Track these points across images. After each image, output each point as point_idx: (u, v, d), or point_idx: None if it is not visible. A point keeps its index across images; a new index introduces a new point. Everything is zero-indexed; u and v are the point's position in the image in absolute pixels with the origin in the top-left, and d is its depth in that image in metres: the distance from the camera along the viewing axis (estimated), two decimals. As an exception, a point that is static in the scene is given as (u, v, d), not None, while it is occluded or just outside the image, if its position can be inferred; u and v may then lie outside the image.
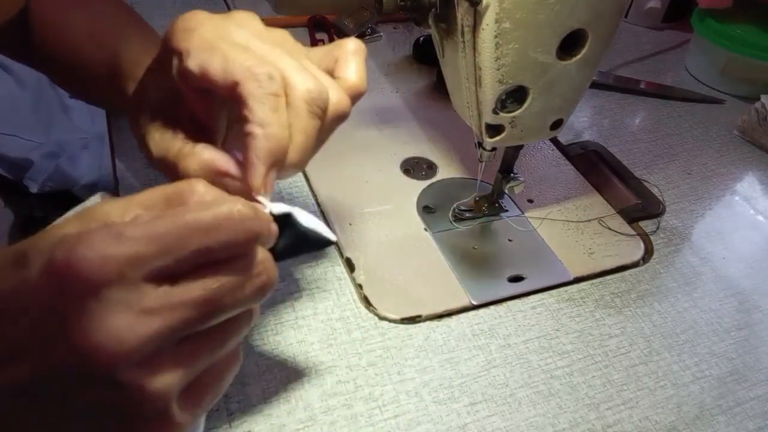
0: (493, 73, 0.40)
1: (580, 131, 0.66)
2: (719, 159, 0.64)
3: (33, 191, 1.20)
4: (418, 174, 0.57)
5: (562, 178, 0.59)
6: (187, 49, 0.28)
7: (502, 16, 0.37)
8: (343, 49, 0.32)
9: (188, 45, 0.28)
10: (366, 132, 0.60)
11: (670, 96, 0.73)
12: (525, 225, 0.53)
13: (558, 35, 0.39)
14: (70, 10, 0.48)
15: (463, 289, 0.46)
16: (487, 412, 0.39)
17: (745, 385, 0.43)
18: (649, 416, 0.40)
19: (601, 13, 0.39)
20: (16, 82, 1.24)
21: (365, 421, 0.38)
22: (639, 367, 0.43)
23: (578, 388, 0.41)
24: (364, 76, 0.32)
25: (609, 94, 0.72)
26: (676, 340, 0.45)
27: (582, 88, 0.45)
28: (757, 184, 0.62)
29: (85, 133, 1.29)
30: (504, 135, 0.44)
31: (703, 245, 0.54)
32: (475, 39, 0.39)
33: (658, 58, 0.81)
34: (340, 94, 0.30)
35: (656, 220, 0.55)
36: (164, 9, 0.74)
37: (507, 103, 0.42)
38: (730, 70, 0.73)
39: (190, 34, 0.28)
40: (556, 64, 0.41)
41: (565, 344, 0.44)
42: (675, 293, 0.49)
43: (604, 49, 0.42)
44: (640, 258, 0.52)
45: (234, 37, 0.29)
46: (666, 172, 0.61)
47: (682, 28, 0.86)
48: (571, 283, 0.49)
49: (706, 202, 0.58)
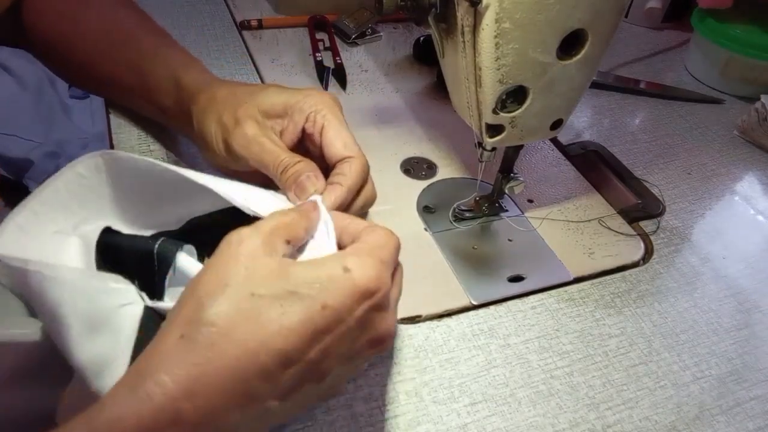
0: (493, 73, 0.40)
1: (580, 131, 0.66)
2: (719, 159, 0.64)
3: (33, 191, 1.20)
4: (418, 174, 0.57)
5: (562, 178, 0.59)
6: (321, 117, 0.42)
7: (502, 16, 0.37)
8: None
9: (326, 115, 0.42)
10: (366, 132, 0.60)
11: (670, 96, 0.73)
12: (525, 225, 0.53)
13: (558, 35, 0.39)
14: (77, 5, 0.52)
15: (463, 289, 0.46)
16: (487, 412, 0.39)
17: (745, 385, 0.43)
18: (649, 416, 0.40)
19: (601, 13, 0.39)
20: (16, 82, 1.24)
21: (365, 421, 0.38)
22: (639, 367, 0.43)
23: (578, 388, 0.41)
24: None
25: (609, 94, 0.72)
26: (676, 340, 0.45)
27: (582, 88, 0.45)
28: (757, 184, 0.62)
29: (85, 133, 1.29)
30: (504, 135, 0.44)
31: (703, 245, 0.54)
32: (475, 39, 0.39)
33: (658, 58, 0.81)
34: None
35: (656, 220, 0.55)
36: (164, 9, 0.74)
37: (507, 103, 0.42)
38: (730, 70, 0.73)
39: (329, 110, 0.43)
40: (556, 64, 0.41)
41: (565, 344, 0.44)
42: (675, 293, 0.49)
43: (604, 49, 0.42)
44: (640, 258, 0.52)
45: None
46: (666, 172, 0.61)
47: (682, 28, 0.86)
48: (571, 283, 0.49)
49: (706, 202, 0.58)
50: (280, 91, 0.44)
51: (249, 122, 0.42)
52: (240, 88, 0.45)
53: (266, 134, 0.42)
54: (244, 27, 0.73)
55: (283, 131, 0.43)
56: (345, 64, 0.69)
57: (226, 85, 0.45)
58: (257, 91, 0.44)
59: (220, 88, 0.45)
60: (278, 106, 0.43)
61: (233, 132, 0.42)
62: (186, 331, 0.26)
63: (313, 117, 0.42)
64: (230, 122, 0.42)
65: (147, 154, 0.54)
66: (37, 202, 0.35)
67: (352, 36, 0.74)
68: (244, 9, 0.76)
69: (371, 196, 0.43)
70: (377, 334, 0.30)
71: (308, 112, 0.42)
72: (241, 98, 0.43)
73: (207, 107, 0.44)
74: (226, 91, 0.44)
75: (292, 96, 0.43)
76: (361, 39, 0.75)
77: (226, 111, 0.43)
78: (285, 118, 0.43)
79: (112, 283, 0.32)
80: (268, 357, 0.26)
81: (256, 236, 0.29)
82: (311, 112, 0.42)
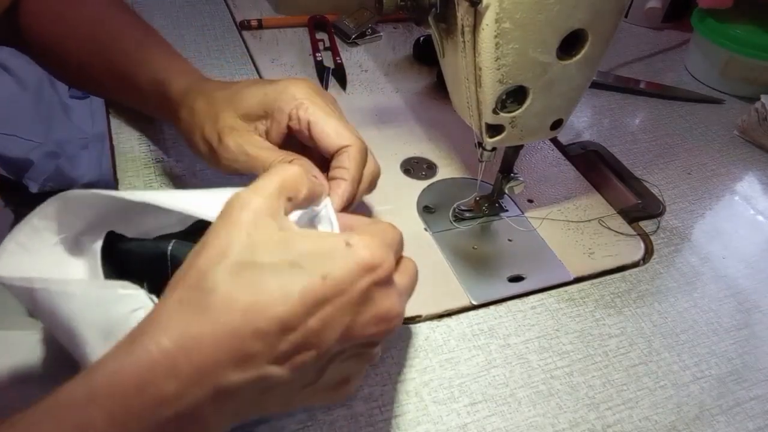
0: (493, 73, 0.40)
1: (580, 131, 0.66)
2: (719, 159, 0.64)
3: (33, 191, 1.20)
4: (418, 174, 0.57)
5: (562, 178, 0.59)
6: (303, 112, 0.41)
7: (502, 16, 0.37)
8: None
9: (308, 107, 0.41)
10: (366, 132, 0.60)
11: (670, 96, 0.73)
12: (525, 225, 0.53)
13: (558, 35, 0.39)
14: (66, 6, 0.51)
15: (463, 289, 0.46)
16: (487, 412, 0.39)
17: (744, 385, 0.43)
18: (649, 416, 0.40)
19: (601, 13, 0.39)
20: (16, 82, 1.24)
21: (365, 421, 0.38)
22: (639, 367, 0.43)
23: (578, 388, 0.41)
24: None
25: (609, 94, 0.72)
26: (676, 340, 0.45)
27: (582, 88, 0.45)
28: (757, 184, 0.62)
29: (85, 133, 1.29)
30: (504, 135, 0.44)
31: (703, 245, 0.54)
32: (475, 39, 0.39)
33: (658, 58, 0.81)
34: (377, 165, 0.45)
35: (656, 220, 0.55)
36: (164, 9, 0.74)
37: (507, 103, 0.42)
38: (730, 70, 0.73)
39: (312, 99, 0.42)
40: (556, 64, 0.41)
41: (564, 344, 0.44)
42: (675, 293, 0.49)
43: (604, 49, 0.42)
44: (640, 258, 0.52)
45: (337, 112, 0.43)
46: (666, 172, 0.61)
47: (682, 28, 0.86)
48: (571, 283, 0.49)
49: (706, 202, 0.58)
50: (255, 89, 0.43)
51: (230, 135, 0.42)
52: (218, 93, 0.44)
53: (250, 141, 0.42)
54: (244, 27, 0.73)
55: (268, 131, 0.43)
56: (345, 64, 0.69)
57: (204, 93, 0.45)
58: (234, 95, 0.43)
59: (198, 99, 0.44)
60: (256, 108, 0.42)
61: (218, 148, 0.42)
62: (185, 296, 0.26)
63: (295, 114, 0.41)
64: (213, 137, 0.42)
65: (147, 154, 0.54)
66: (37, 218, 0.35)
67: (352, 36, 0.74)
68: (244, 9, 0.76)
69: (375, 172, 0.44)
70: (381, 310, 0.29)
71: (289, 110, 0.41)
72: (219, 107, 0.43)
73: (189, 123, 0.44)
74: (204, 101, 0.44)
75: (266, 94, 0.42)
76: (361, 39, 0.75)
77: (207, 124, 0.43)
78: (267, 118, 0.42)
79: (120, 290, 0.32)
80: (266, 321, 0.26)
81: (258, 199, 0.29)
82: (292, 109, 0.41)
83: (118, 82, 0.50)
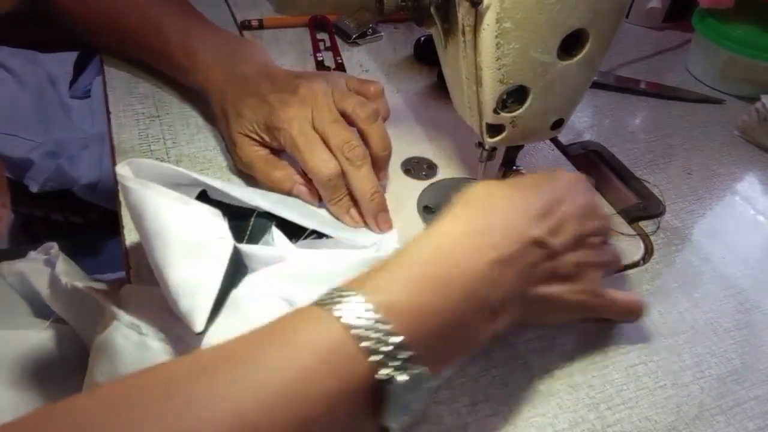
0: (493, 73, 0.40)
1: (581, 131, 0.66)
2: (719, 159, 0.64)
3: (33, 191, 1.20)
4: (419, 174, 0.57)
5: (563, 178, 0.59)
6: (303, 140, 0.48)
7: (502, 16, 0.37)
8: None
9: (308, 133, 0.48)
10: (366, 132, 0.60)
11: (670, 96, 0.73)
12: (525, 225, 0.53)
13: (559, 35, 0.39)
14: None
15: (463, 289, 0.46)
16: (487, 412, 0.39)
17: (744, 385, 0.43)
18: (648, 416, 0.40)
19: (601, 13, 0.39)
20: (16, 82, 1.24)
21: (365, 420, 0.38)
22: (639, 367, 0.43)
23: (578, 388, 0.42)
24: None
25: (609, 94, 0.72)
26: (676, 340, 0.45)
27: (583, 88, 0.45)
28: (757, 184, 0.62)
29: (85, 133, 1.29)
30: (504, 135, 0.44)
31: (703, 245, 0.54)
32: (476, 39, 0.39)
33: (659, 58, 0.81)
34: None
35: (656, 220, 0.55)
36: (165, 9, 0.74)
37: (508, 103, 0.42)
38: (730, 70, 0.73)
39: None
40: (557, 63, 0.41)
41: (565, 344, 0.44)
42: (675, 293, 0.49)
43: (605, 49, 0.42)
44: (640, 258, 0.52)
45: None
46: (666, 172, 0.61)
47: (682, 28, 0.86)
48: (572, 283, 0.49)
49: (706, 202, 0.58)
50: (254, 108, 0.49)
51: (243, 143, 0.50)
52: (228, 107, 0.51)
53: (257, 154, 0.50)
54: (245, 27, 0.73)
55: (280, 145, 0.49)
56: (346, 64, 0.69)
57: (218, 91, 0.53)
58: (239, 113, 0.50)
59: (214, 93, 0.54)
60: (263, 125, 0.49)
61: (233, 153, 0.52)
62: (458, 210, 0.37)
63: (296, 140, 0.47)
64: (229, 142, 0.52)
65: (148, 154, 0.54)
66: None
67: (353, 36, 0.74)
68: (244, 9, 0.76)
69: (385, 112, 0.54)
70: (597, 225, 0.40)
71: (290, 139, 0.47)
72: (231, 117, 0.51)
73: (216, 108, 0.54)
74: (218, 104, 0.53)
75: (267, 118, 0.48)
76: (362, 39, 0.75)
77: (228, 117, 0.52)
78: (275, 131, 0.48)
79: (212, 216, 0.37)
80: (530, 209, 0.37)
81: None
82: (292, 137, 0.47)
83: (146, 40, 0.59)
